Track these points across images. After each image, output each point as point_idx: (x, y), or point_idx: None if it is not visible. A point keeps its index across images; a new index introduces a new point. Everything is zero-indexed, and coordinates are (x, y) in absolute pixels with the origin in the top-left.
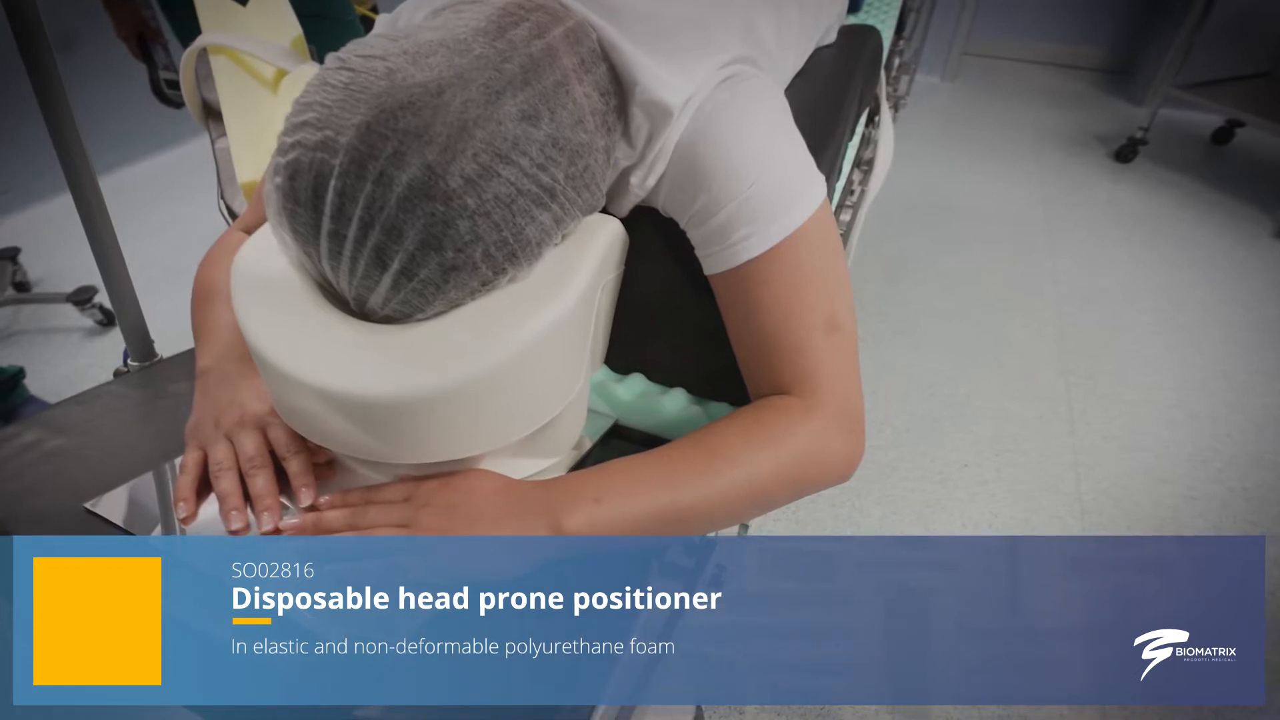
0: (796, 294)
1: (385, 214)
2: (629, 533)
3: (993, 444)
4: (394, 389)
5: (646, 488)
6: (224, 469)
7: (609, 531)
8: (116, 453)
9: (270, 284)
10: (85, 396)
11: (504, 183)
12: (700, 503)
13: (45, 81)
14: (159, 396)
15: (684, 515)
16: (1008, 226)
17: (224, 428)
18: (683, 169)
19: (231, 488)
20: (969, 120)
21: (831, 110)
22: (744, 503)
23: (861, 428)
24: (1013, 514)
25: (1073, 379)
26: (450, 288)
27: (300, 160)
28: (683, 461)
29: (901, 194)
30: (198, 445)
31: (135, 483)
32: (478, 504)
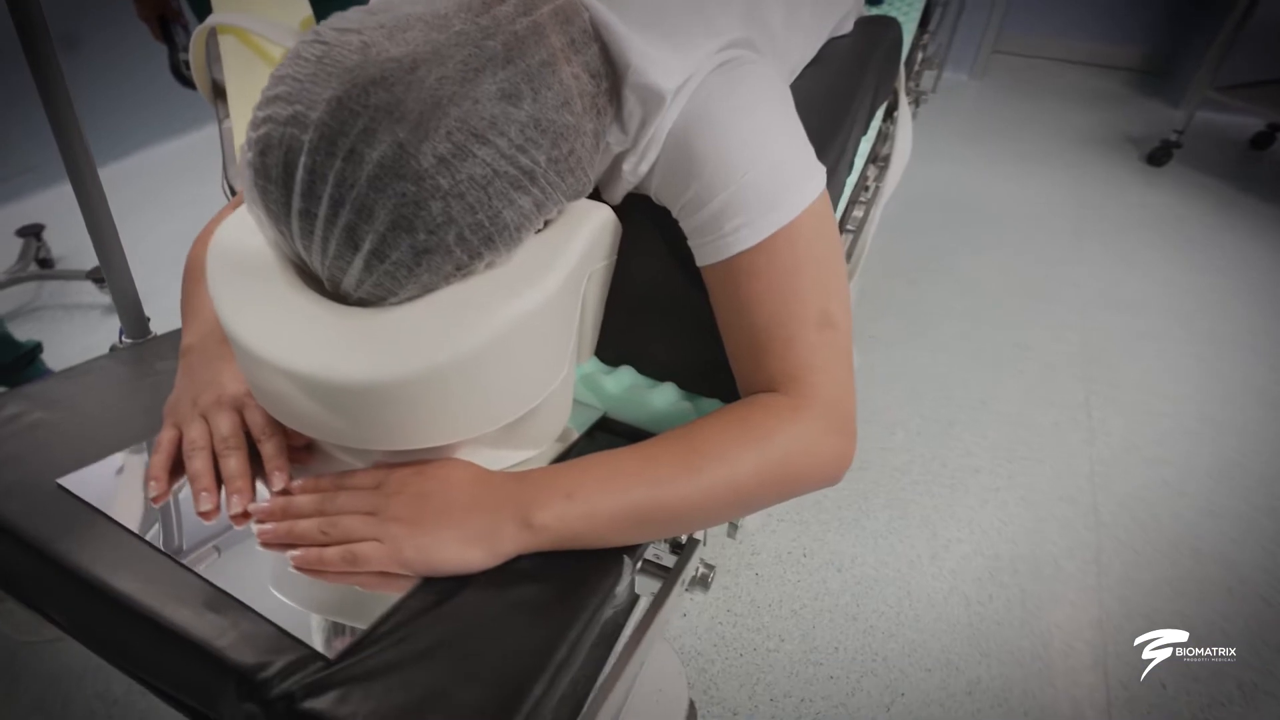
0: (789, 288)
1: (356, 193)
2: (602, 530)
3: (1007, 450)
4: (362, 373)
5: (622, 484)
6: (197, 449)
7: (581, 527)
8: (97, 429)
9: (246, 263)
10: (74, 371)
11: (479, 163)
12: (678, 502)
13: (44, 69)
14: (146, 374)
15: (660, 514)
16: (1033, 228)
17: (201, 407)
18: (675, 156)
19: (203, 468)
20: (997, 119)
21: (841, 102)
22: (725, 503)
23: (852, 428)
24: (1024, 523)
25: (1094, 386)
26: (423, 271)
27: (271, 135)
28: (662, 458)
29: (924, 193)
30: (174, 424)
31: (110, 460)
32: (448, 494)
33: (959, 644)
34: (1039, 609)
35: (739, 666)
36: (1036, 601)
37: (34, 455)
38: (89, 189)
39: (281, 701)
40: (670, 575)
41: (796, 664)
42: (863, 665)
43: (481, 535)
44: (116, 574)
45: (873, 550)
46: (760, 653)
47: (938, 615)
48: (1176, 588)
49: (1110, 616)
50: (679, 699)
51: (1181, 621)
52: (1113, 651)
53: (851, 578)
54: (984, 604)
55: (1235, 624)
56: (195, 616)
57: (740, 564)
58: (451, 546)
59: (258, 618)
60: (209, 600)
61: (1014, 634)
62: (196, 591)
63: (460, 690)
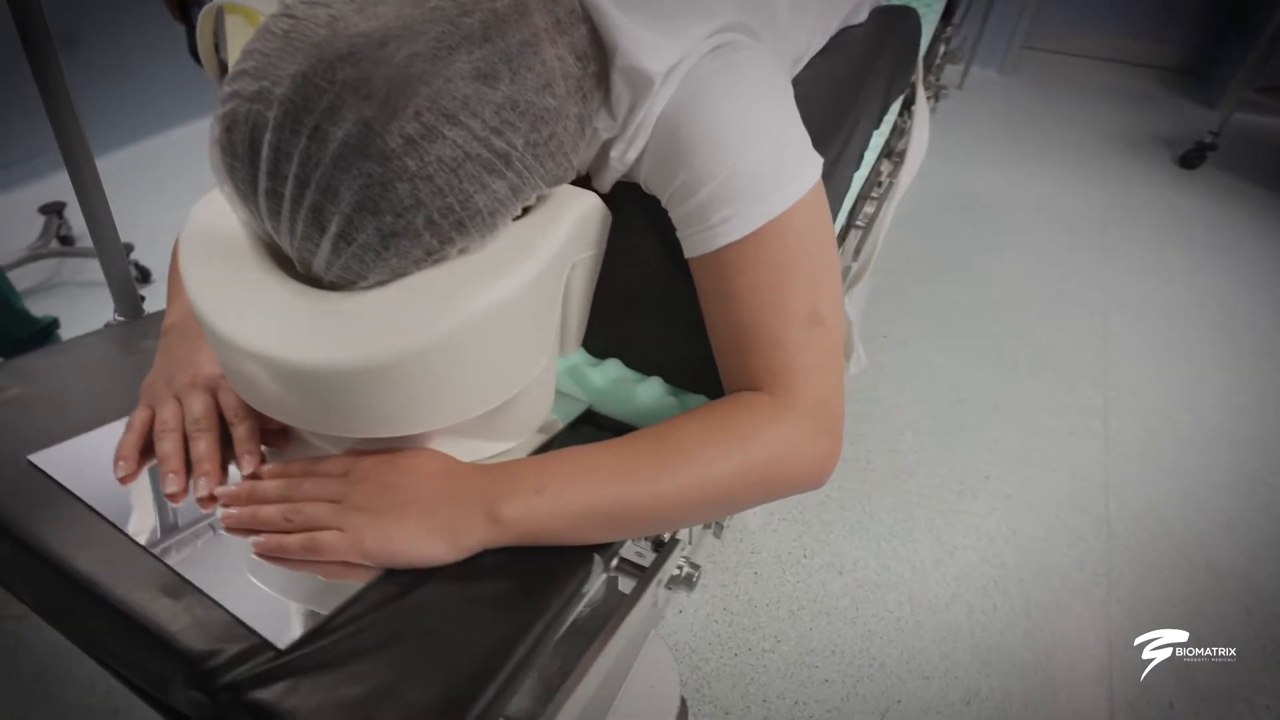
0: (777, 283)
1: (321, 173)
2: (571, 527)
3: (1019, 457)
4: (324, 358)
5: (593, 480)
6: (168, 430)
7: (548, 524)
8: (75, 406)
9: (218, 242)
10: (60, 347)
11: (450, 145)
12: (650, 501)
13: (37, 51)
14: (131, 352)
15: (632, 513)
16: (1058, 230)
17: (175, 388)
18: (664, 143)
19: (172, 450)
20: (1025, 117)
21: (847, 93)
22: (701, 504)
23: (839, 429)
24: (1033, 532)
25: (1113, 394)
26: (391, 255)
27: (237, 112)
28: (636, 456)
29: (946, 190)
30: (148, 404)
31: (83, 438)
32: (415, 485)
33: (959, 652)
34: (1044, 620)
35: (733, 666)
36: (1042, 612)
37: (8, 430)
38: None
39: (227, 691)
40: (645, 575)
41: (792, 666)
42: (860, 670)
43: (445, 528)
44: (77, 554)
45: (875, 554)
46: (755, 653)
47: (939, 622)
48: (1190, 604)
49: (1119, 631)
50: (671, 696)
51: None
52: (1119, 668)
53: (852, 580)
54: (987, 613)
55: (1251, 644)
56: (150, 600)
57: (739, 562)
58: (414, 538)
59: (213, 605)
60: (166, 585)
61: (1017, 645)
62: (155, 575)
63: (412, 686)
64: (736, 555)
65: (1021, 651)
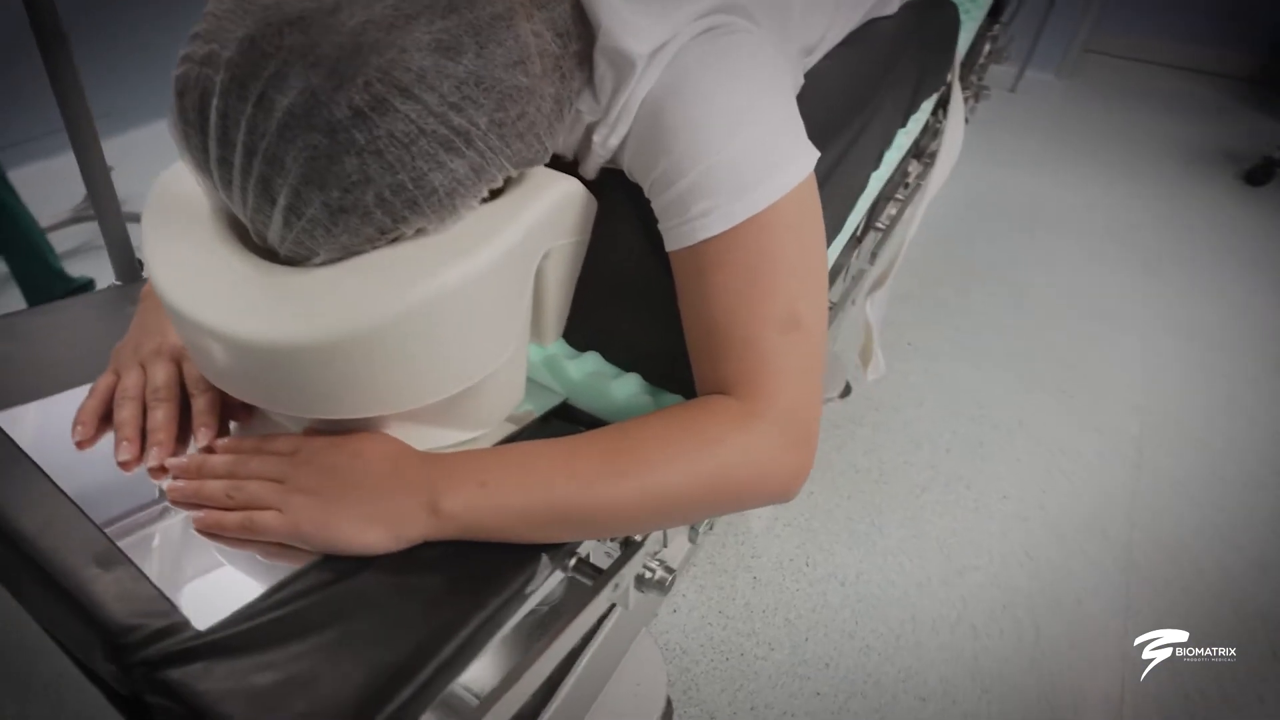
0: (755, 282)
1: (267, 142)
2: (514, 525)
3: (1041, 477)
4: (269, 333)
5: (541, 478)
6: (127, 397)
7: (491, 519)
8: (51, 367)
9: (180, 212)
10: (51, 308)
11: (401, 119)
12: (600, 504)
13: (41, 19)
14: (118, 317)
15: (579, 514)
16: (1106, 243)
17: (141, 355)
18: (646, 128)
19: (129, 417)
20: (1082, 123)
21: (864, 86)
22: (654, 510)
23: (811, 441)
24: (1049, 556)
25: (1148, 418)
26: (341, 232)
27: (188, 75)
28: (589, 456)
29: (990, 196)
30: (114, 370)
31: (50, 400)
32: (358, 470)
33: (960, 676)
34: (1053, 649)
35: (724, 670)
36: (1051, 642)
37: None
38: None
39: (141, 667)
40: (601, 579)
41: (783, 675)
42: (853, 685)
43: (385, 516)
44: (22, 516)
45: (880, 568)
46: (748, 659)
47: (941, 644)
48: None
49: (1133, 667)
50: (657, 695)
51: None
52: (1130, 705)
53: (854, 593)
54: (993, 637)
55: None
56: (81, 568)
57: (738, 565)
58: (352, 524)
59: (142, 578)
60: (100, 555)
61: (1021, 673)
62: (92, 544)
63: (329, 678)
64: (736, 558)
65: (1026, 680)
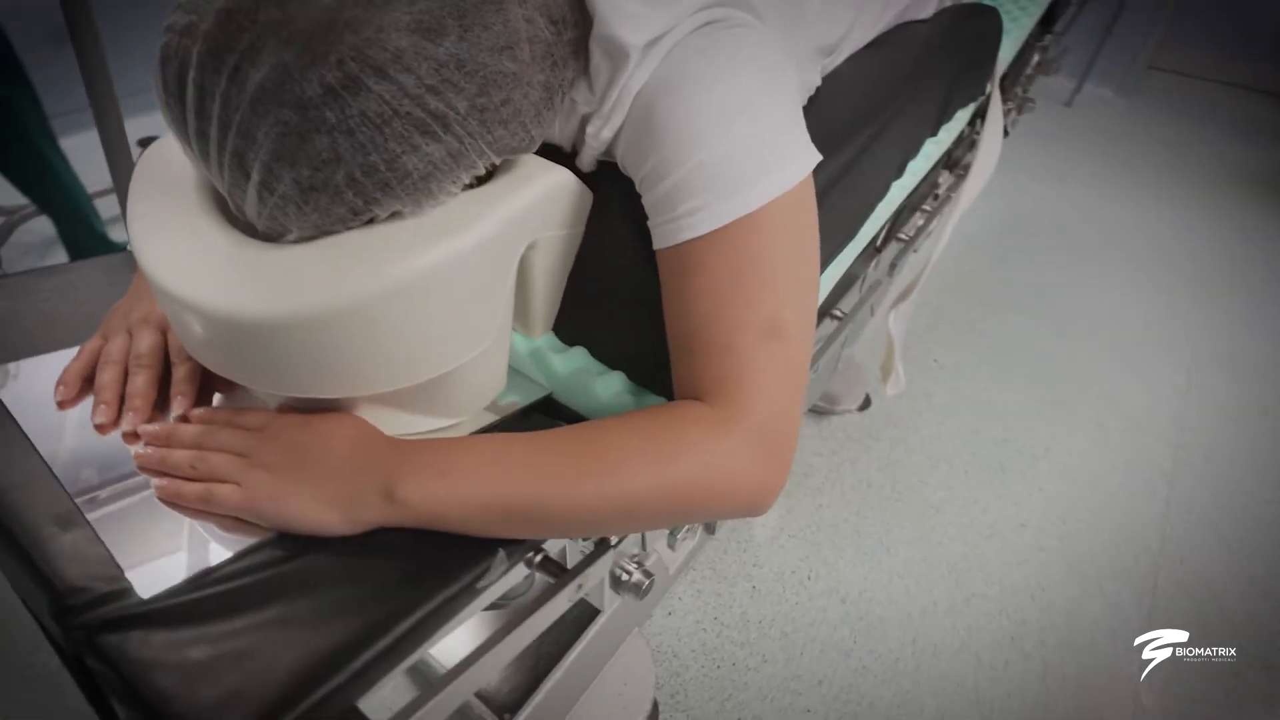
0: (738, 286)
1: (240, 116)
2: (470, 517)
3: (1063, 509)
4: (237, 307)
5: (501, 473)
6: (110, 361)
7: (448, 510)
8: (49, 326)
9: (166, 182)
10: (61, 268)
11: (375, 99)
12: (559, 504)
13: (74, 9)
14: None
15: (538, 513)
16: (1155, 270)
17: (130, 321)
18: (639, 122)
19: (109, 381)
20: (1140, 143)
21: (884, 90)
22: (614, 514)
23: (786, 454)
24: (1065, 590)
25: (1184, 454)
26: (312, 210)
27: (169, 46)
28: (553, 454)
29: (1035, 213)
30: (104, 333)
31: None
32: (321, 450)
33: (958, 706)
34: (1060, 689)
35: (714, 678)
36: (1060, 681)
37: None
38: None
39: (81, 630)
40: (563, 578)
41: (774, 689)
42: (845, 706)
43: (341, 498)
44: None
45: (885, 587)
46: (739, 669)
47: (941, 671)
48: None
49: (1147, 716)
50: (644, 697)
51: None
52: None
53: (854, 611)
54: (997, 669)
55: None
56: (40, 527)
57: (739, 573)
58: (308, 504)
59: (98, 543)
60: (62, 516)
61: (1025, 710)
62: (55, 505)
63: (264, 656)
64: (737, 565)
65: (1030, 718)
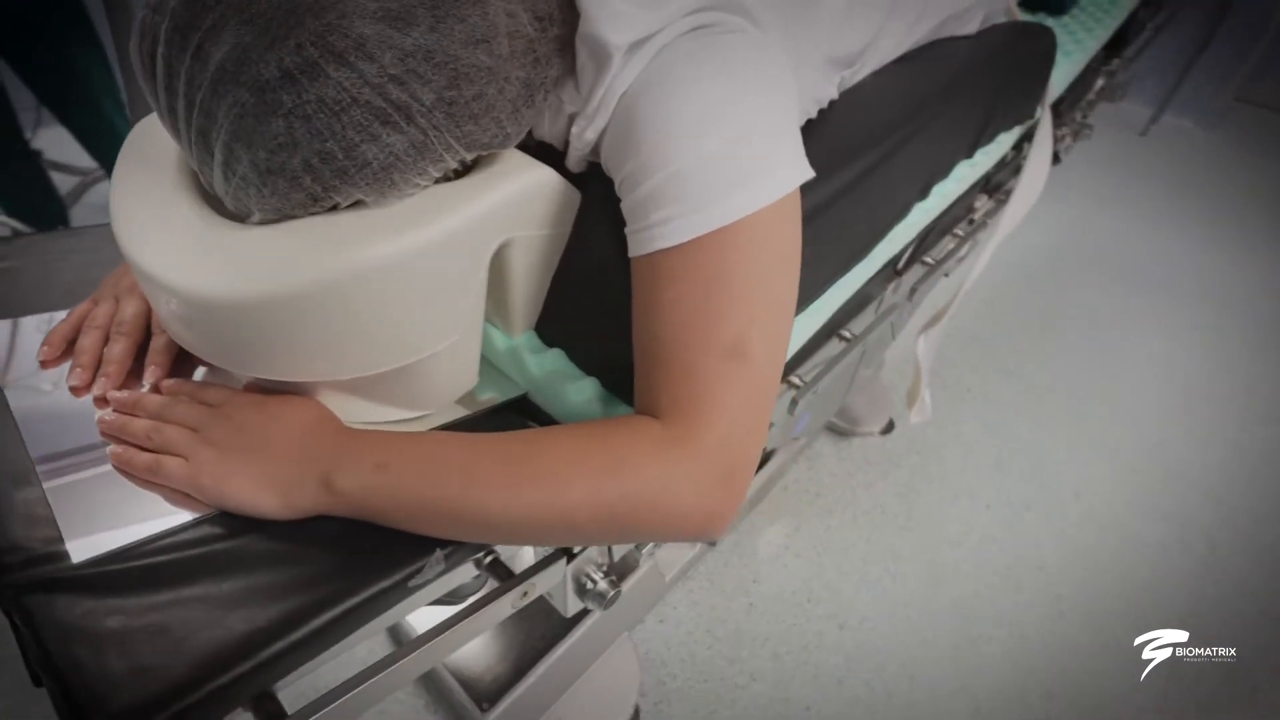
0: (705, 302)
1: (202, 94)
2: (405, 515)
3: (1087, 556)
4: (193, 284)
5: (440, 472)
6: (93, 326)
7: (385, 505)
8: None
9: (149, 155)
10: (75, 231)
11: (333, 85)
12: (494, 511)
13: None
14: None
15: (473, 517)
16: (1219, 315)
17: (119, 289)
18: (621, 124)
19: (88, 346)
20: (1218, 181)
21: (906, 106)
22: (551, 525)
23: (740, 480)
24: (1079, 643)
25: (1227, 512)
26: (270, 194)
27: (144, 20)
28: (494, 458)
29: (1097, 246)
30: (95, 298)
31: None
32: (269, 431)
33: None
34: None
35: (699, 691)
36: None
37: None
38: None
39: (10, 589)
40: (509, 582)
41: (759, 709)
42: None
43: (280, 483)
44: None
45: (887, 618)
46: (726, 685)
47: (936, 711)
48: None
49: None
50: (626, 701)
51: None
52: None
53: (852, 639)
54: (994, 716)
55: None
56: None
57: (737, 588)
58: (246, 485)
59: (45, 505)
60: (18, 475)
61: None
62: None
63: (179, 633)
64: (737, 580)
65: None
